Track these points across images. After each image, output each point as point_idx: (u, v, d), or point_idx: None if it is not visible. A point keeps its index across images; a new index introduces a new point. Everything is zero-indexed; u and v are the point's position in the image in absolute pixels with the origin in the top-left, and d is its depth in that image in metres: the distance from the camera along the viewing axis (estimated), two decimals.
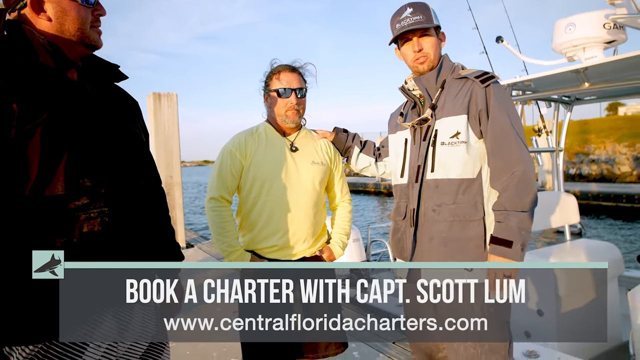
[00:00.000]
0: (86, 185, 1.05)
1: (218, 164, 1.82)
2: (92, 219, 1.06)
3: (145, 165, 1.32)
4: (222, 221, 1.77)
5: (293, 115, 1.78)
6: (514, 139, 1.50)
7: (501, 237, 1.45)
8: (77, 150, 1.04)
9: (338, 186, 1.96)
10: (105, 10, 1.19)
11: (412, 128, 1.67)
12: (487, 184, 1.56)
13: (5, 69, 0.99)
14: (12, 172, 0.97)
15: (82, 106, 1.09)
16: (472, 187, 1.54)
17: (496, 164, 1.51)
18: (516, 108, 3.37)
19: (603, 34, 2.90)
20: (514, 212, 1.45)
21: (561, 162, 3.78)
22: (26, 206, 0.99)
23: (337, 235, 1.94)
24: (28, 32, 1.06)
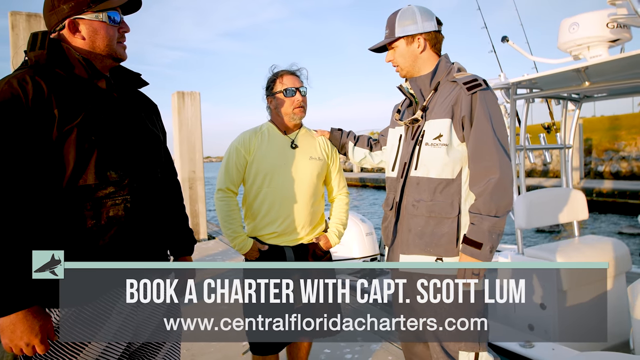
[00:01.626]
0: (112, 177, 1.26)
1: (225, 159, 2.03)
2: (116, 205, 1.26)
3: (163, 160, 1.52)
4: (229, 210, 1.98)
5: (300, 112, 1.97)
6: (494, 148, 1.55)
7: (472, 239, 1.54)
8: (105, 147, 1.25)
9: (335, 180, 2.14)
10: (128, 28, 1.40)
11: (405, 126, 1.78)
12: (466, 185, 1.64)
13: (48, 81, 1.20)
14: (52, 167, 1.19)
15: (109, 111, 1.30)
16: (451, 187, 1.63)
17: (475, 169, 1.59)
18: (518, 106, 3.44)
19: (606, 33, 2.95)
20: (487, 216, 1.53)
21: (570, 159, 3.82)
22: (63, 195, 1.20)
23: (334, 225, 2.11)
24: (66, 49, 1.28)
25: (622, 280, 3.43)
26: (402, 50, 1.73)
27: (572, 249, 3.39)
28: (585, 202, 3.66)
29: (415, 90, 1.75)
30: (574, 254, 3.30)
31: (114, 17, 1.34)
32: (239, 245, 1.97)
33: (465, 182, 1.64)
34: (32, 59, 1.26)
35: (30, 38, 1.29)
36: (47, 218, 1.19)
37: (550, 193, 3.58)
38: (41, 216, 1.18)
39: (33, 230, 1.16)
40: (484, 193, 1.55)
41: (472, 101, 1.59)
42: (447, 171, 1.63)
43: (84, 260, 1.23)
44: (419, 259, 1.66)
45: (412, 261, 1.68)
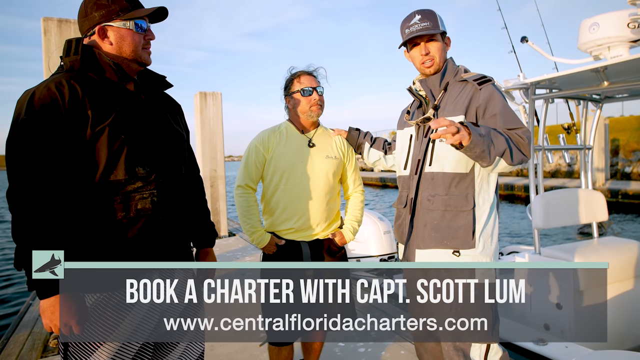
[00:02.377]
0: (140, 172, 1.36)
1: (245, 157, 2.13)
2: (144, 199, 1.36)
3: (186, 157, 1.61)
4: (248, 205, 2.08)
5: (317, 109, 2.06)
6: (516, 116, 1.65)
7: (477, 126, 1.52)
8: (134, 145, 1.35)
9: (351, 178, 2.20)
10: (154, 35, 1.50)
11: (416, 125, 1.85)
12: (479, 178, 1.71)
13: (82, 84, 1.31)
14: (86, 164, 1.30)
15: (137, 111, 1.40)
16: (465, 181, 1.69)
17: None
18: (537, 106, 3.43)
19: (627, 33, 2.93)
20: (499, 133, 1.55)
21: (590, 159, 3.79)
22: (96, 189, 1.31)
23: (349, 222, 2.18)
24: (97, 54, 1.38)
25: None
26: (440, 45, 1.80)
27: (590, 250, 3.37)
28: (604, 203, 3.63)
29: (425, 91, 1.82)
30: (591, 255, 3.28)
31: (140, 25, 1.44)
32: (257, 239, 2.06)
33: (479, 175, 1.71)
34: (68, 64, 1.37)
35: (65, 44, 1.40)
36: (81, 210, 1.30)
37: (568, 194, 3.56)
38: (76, 208, 1.29)
39: (69, 221, 1.27)
40: (514, 135, 1.61)
41: (484, 92, 1.68)
42: (461, 165, 1.70)
43: (115, 251, 1.33)
44: (435, 253, 1.72)
45: (428, 255, 1.73)
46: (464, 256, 1.68)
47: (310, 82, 2.06)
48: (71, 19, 2.91)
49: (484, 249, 1.69)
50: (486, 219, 1.70)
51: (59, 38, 2.92)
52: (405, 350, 2.75)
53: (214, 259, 1.75)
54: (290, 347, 2.14)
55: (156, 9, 1.47)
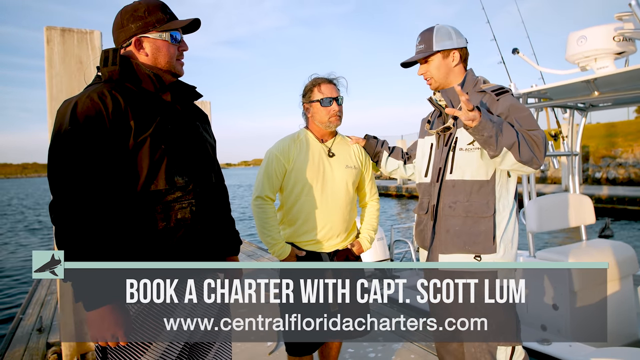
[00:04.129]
0: (179, 182, 1.37)
1: (264, 166, 2.09)
2: (183, 208, 1.38)
3: (216, 166, 1.63)
4: (267, 217, 2.04)
5: (336, 120, 2.05)
6: (535, 120, 1.71)
7: (483, 110, 1.57)
8: (173, 155, 1.37)
9: (368, 187, 2.23)
10: (187, 47, 1.52)
11: (437, 134, 1.91)
12: (499, 185, 1.77)
13: (123, 94, 1.32)
14: (129, 174, 1.30)
15: (174, 121, 1.42)
16: (485, 188, 1.76)
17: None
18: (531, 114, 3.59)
19: (613, 46, 3.10)
20: (511, 127, 1.59)
21: (577, 165, 3.96)
22: (138, 199, 1.32)
23: (366, 231, 2.20)
24: (135, 65, 1.39)
25: (630, 282, 3.55)
26: (437, 63, 1.86)
27: (582, 252, 3.52)
28: (592, 207, 3.79)
29: (446, 101, 1.88)
30: (583, 256, 3.42)
31: (175, 37, 1.46)
32: (277, 252, 2.03)
33: (499, 182, 1.77)
34: (106, 74, 1.37)
35: (102, 55, 1.41)
36: (124, 221, 1.30)
37: (559, 198, 3.71)
38: (119, 219, 1.29)
39: (114, 231, 1.27)
40: (527, 134, 1.66)
41: (502, 102, 1.74)
42: (482, 173, 1.76)
43: (156, 260, 1.33)
44: (458, 258, 1.77)
45: (451, 260, 1.79)
46: (485, 261, 1.74)
47: (330, 91, 2.03)
48: (74, 28, 2.88)
49: (504, 253, 1.75)
50: (506, 224, 1.77)
51: (62, 47, 2.88)
52: (415, 354, 2.80)
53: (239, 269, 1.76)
54: (310, 357, 2.13)
55: (191, 20, 1.49)
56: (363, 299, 1.42)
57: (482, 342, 1.70)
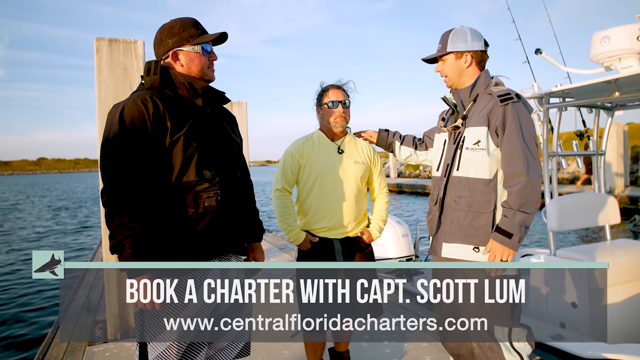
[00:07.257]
0: (207, 175, 1.60)
1: (282, 162, 2.36)
2: (210, 197, 1.60)
3: (241, 162, 1.85)
4: (284, 207, 2.31)
5: (341, 121, 2.28)
6: (522, 154, 1.78)
7: (504, 229, 1.77)
8: (202, 152, 1.59)
9: (377, 182, 2.44)
10: (217, 57, 1.75)
11: (449, 132, 2.05)
12: (501, 184, 1.88)
13: (163, 99, 1.56)
14: (165, 168, 1.54)
15: (205, 122, 1.65)
16: (488, 186, 1.88)
17: (506, 172, 1.83)
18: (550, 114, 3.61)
19: (637, 46, 3.10)
20: (518, 211, 1.76)
21: (602, 165, 3.94)
22: (172, 189, 1.55)
23: (375, 221, 2.41)
24: (172, 74, 1.63)
25: None
26: (450, 63, 2.00)
27: (604, 251, 3.51)
28: (617, 207, 3.77)
29: (457, 101, 2.02)
30: (605, 256, 3.42)
31: (206, 49, 1.69)
32: (293, 237, 2.28)
33: (501, 181, 1.89)
34: (149, 82, 1.62)
35: (145, 66, 1.66)
36: (160, 207, 1.54)
37: (581, 197, 3.72)
38: (156, 205, 1.53)
39: (152, 215, 1.51)
40: (512, 192, 1.79)
41: (504, 112, 1.83)
42: (485, 172, 1.88)
43: (186, 240, 1.56)
44: (459, 247, 1.92)
45: (452, 248, 1.93)
46: (482, 252, 1.87)
47: (337, 95, 2.28)
48: (120, 38, 3.20)
49: None
50: None
51: (109, 56, 3.20)
52: (427, 342, 2.94)
53: (262, 252, 1.97)
54: (323, 342, 2.40)
55: (219, 34, 1.71)
56: (376, 296, 1.52)
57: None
